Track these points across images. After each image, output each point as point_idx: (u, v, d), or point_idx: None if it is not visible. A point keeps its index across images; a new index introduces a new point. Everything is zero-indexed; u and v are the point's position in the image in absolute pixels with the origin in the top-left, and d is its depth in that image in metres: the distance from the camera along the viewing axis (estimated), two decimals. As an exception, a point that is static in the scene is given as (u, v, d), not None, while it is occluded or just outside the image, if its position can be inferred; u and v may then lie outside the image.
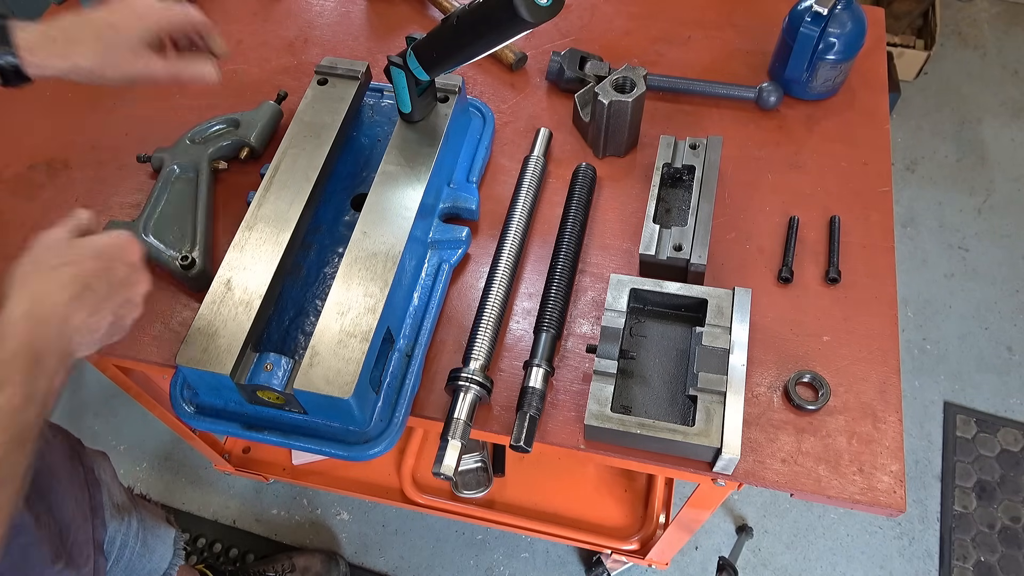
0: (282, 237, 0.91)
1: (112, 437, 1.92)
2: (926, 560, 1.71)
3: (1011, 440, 1.85)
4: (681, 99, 1.16)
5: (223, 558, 1.75)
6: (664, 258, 0.93)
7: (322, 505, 1.80)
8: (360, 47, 1.26)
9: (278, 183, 0.95)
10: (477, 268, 1.00)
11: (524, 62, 1.21)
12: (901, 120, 2.44)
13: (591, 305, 0.97)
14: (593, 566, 1.67)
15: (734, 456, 0.79)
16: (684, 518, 1.23)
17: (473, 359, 0.88)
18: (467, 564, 1.71)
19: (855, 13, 1.07)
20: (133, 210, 1.07)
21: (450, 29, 0.86)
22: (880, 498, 0.82)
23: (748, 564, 1.71)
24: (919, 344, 2.00)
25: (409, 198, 0.94)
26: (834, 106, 1.14)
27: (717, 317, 0.87)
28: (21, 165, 1.13)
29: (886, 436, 0.86)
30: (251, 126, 1.09)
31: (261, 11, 1.32)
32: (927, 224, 2.22)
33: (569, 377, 0.91)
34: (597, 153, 1.10)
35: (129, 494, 1.16)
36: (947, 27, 2.67)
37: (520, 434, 0.83)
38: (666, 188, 1.02)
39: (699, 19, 1.27)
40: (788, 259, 0.98)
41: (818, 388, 0.89)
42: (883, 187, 1.05)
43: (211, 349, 0.81)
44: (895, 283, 0.97)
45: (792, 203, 1.05)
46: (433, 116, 1.02)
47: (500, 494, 1.56)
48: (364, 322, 0.83)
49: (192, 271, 0.95)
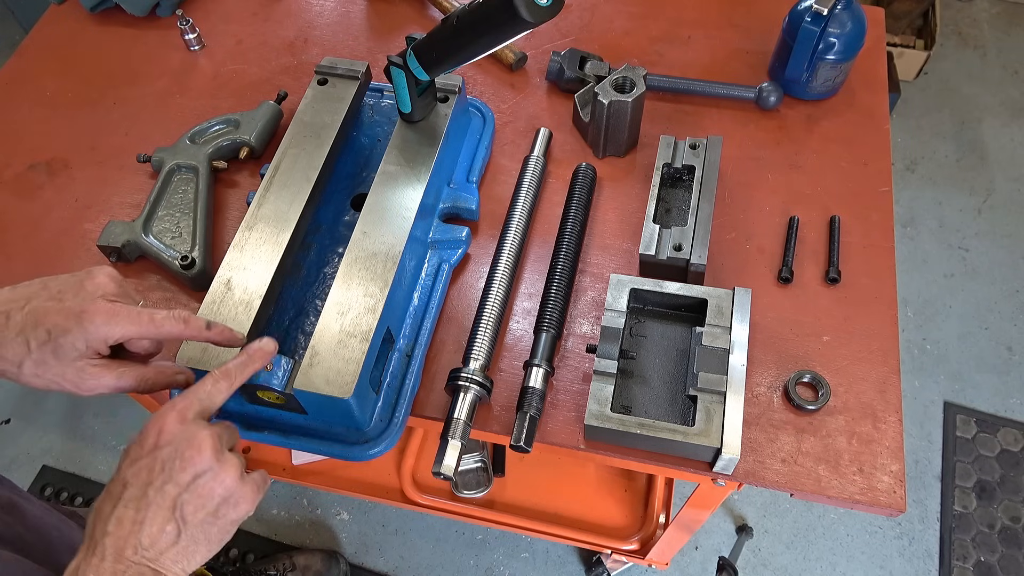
0: (282, 237, 0.91)
1: (112, 437, 1.92)
2: (926, 560, 1.71)
3: (1011, 440, 1.85)
4: (681, 99, 1.16)
5: (223, 558, 1.75)
6: (664, 258, 0.93)
7: (322, 505, 1.80)
8: (360, 47, 1.26)
9: (278, 183, 0.95)
10: (477, 268, 1.00)
11: (524, 62, 1.21)
12: (901, 120, 2.44)
13: (591, 305, 0.97)
14: (593, 566, 1.67)
15: (734, 456, 0.79)
16: (684, 518, 1.23)
17: (473, 359, 0.87)
18: (467, 564, 1.71)
19: (855, 13, 1.07)
20: (133, 210, 1.07)
21: (450, 29, 0.86)
22: (880, 498, 0.82)
23: (748, 564, 1.71)
24: (919, 344, 2.00)
25: (409, 198, 0.94)
26: (834, 106, 1.14)
27: (717, 317, 0.87)
28: (21, 165, 1.13)
29: (886, 436, 0.86)
30: (251, 126, 1.09)
31: (261, 11, 1.32)
32: (927, 224, 2.22)
33: (569, 377, 0.91)
34: (597, 153, 1.10)
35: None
36: (947, 27, 2.67)
37: (520, 434, 0.83)
38: (666, 188, 1.02)
39: (699, 19, 1.27)
40: (788, 259, 0.98)
41: (818, 388, 0.89)
42: (883, 187, 1.05)
43: (211, 349, 0.81)
44: (895, 283, 0.97)
45: (792, 203, 1.05)
46: (433, 116, 1.02)
47: (500, 494, 1.56)
48: (364, 322, 0.83)
49: (192, 271, 0.95)
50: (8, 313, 0.66)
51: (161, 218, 1.01)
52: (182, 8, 1.31)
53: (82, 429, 1.94)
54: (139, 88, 1.22)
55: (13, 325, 0.66)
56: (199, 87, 1.21)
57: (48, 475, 1.88)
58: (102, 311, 0.67)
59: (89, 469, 1.88)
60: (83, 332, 0.66)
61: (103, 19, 1.31)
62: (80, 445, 1.92)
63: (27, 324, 0.66)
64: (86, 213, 1.08)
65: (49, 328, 0.66)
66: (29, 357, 0.66)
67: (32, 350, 0.66)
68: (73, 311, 0.66)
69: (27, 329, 0.66)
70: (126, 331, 0.68)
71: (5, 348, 0.66)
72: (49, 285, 0.69)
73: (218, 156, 1.08)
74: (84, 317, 0.66)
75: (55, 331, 0.66)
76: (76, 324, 0.66)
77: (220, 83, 1.22)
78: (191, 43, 1.25)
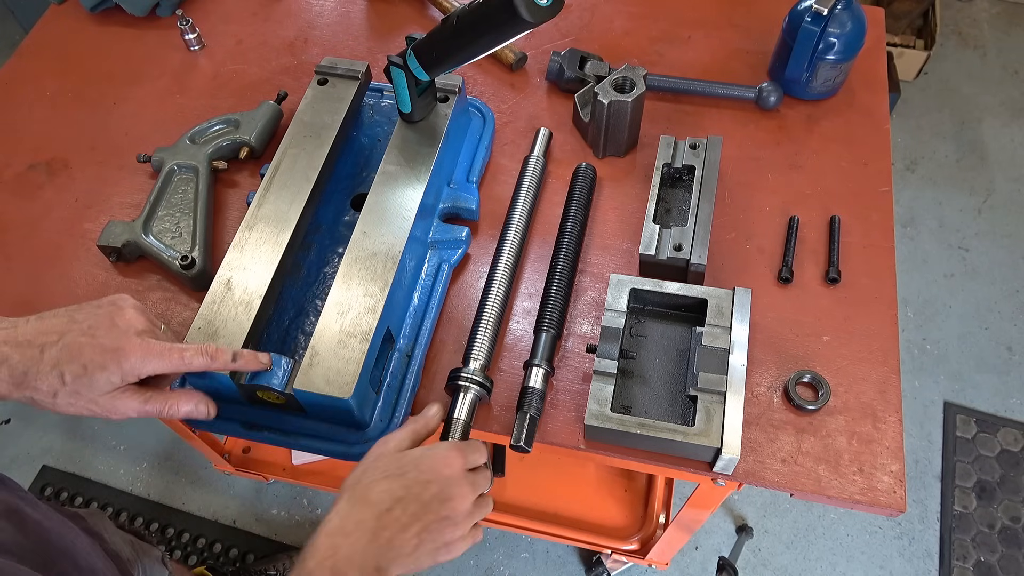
0: (282, 237, 0.91)
1: (112, 437, 1.92)
2: (926, 560, 1.71)
3: (1011, 440, 1.85)
4: (681, 99, 1.16)
5: (223, 558, 1.75)
6: (664, 258, 0.93)
7: (322, 505, 1.80)
8: (360, 47, 1.26)
9: (278, 183, 0.95)
10: (477, 268, 1.00)
11: (524, 62, 1.21)
12: (901, 120, 2.44)
13: (591, 305, 0.97)
14: (593, 566, 1.67)
15: (734, 456, 0.79)
16: (684, 518, 1.23)
17: (473, 359, 0.87)
18: (467, 564, 1.71)
19: (855, 13, 1.07)
20: (133, 210, 1.07)
21: (450, 29, 0.85)
22: (880, 498, 0.82)
23: (748, 564, 1.71)
24: (919, 344, 2.00)
25: (409, 198, 0.94)
26: (834, 106, 1.14)
27: (717, 317, 0.87)
28: (21, 165, 1.13)
29: (886, 436, 0.86)
30: (251, 126, 1.09)
31: (261, 11, 1.32)
32: (927, 224, 2.22)
33: (569, 377, 0.91)
34: (597, 153, 1.10)
35: (132, 542, 1.14)
36: (947, 27, 2.67)
37: (520, 434, 0.83)
38: (666, 188, 1.02)
39: (699, 19, 1.27)
40: (788, 259, 0.98)
41: (818, 388, 0.89)
42: (883, 187, 1.05)
43: (211, 349, 0.81)
44: (895, 283, 0.97)
45: (792, 203, 1.05)
46: (433, 116, 1.02)
47: (500, 494, 1.56)
48: (364, 322, 0.83)
49: (192, 271, 0.95)
50: (43, 347, 0.69)
51: (161, 218, 1.01)
52: (182, 8, 1.31)
53: (82, 429, 1.94)
54: (139, 88, 1.22)
55: (48, 359, 0.69)
56: (199, 87, 1.21)
57: (48, 475, 1.88)
58: (137, 350, 0.71)
59: (89, 469, 1.88)
60: (119, 369, 0.70)
61: (103, 19, 1.31)
62: (80, 445, 1.92)
63: (62, 359, 0.69)
64: (86, 213, 1.08)
65: (85, 363, 0.69)
66: (63, 389, 0.69)
67: (67, 383, 0.69)
68: (108, 348, 0.70)
69: (62, 363, 0.69)
70: (157, 368, 0.72)
71: (40, 380, 0.69)
72: (77, 319, 0.72)
73: (218, 156, 1.08)
74: (120, 355, 0.70)
75: (91, 366, 0.69)
76: (112, 361, 0.70)
77: (220, 83, 1.22)
78: (191, 43, 1.25)
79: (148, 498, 1.84)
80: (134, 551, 1.14)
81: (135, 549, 1.15)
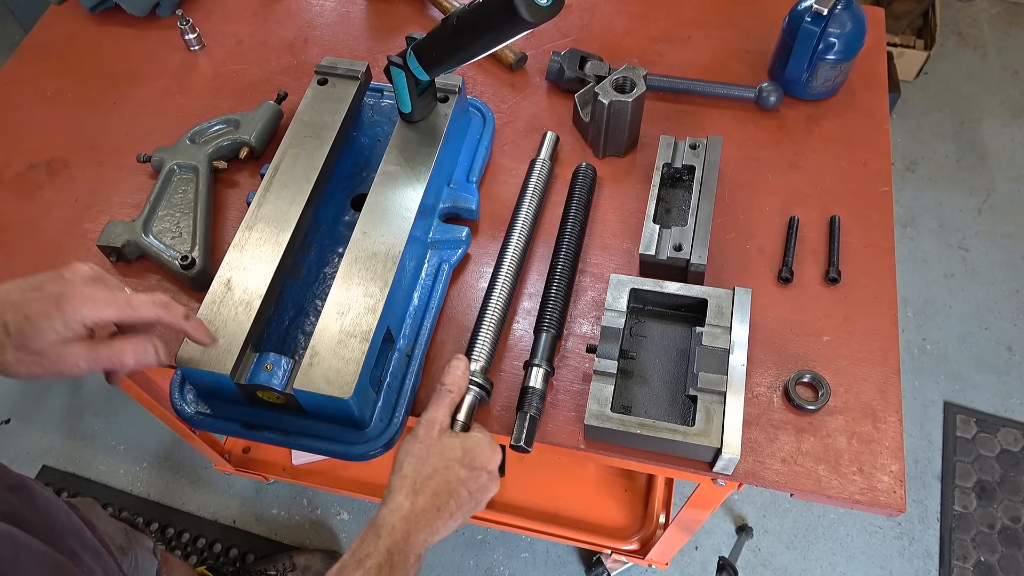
0: (282, 237, 0.91)
1: (112, 437, 1.92)
2: (926, 560, 1.71)
3: (1011, 440, 1.85)
4: (681, 99, 1.16)
5: (223, 558, 1.75)
6: (664, 258, 0.93)
7: (322, 505, 1.80)
8: (360, 47, 1.26)
9: (278, 183, 0.95)
10: (477, 268, 1.00)
11: (524, 62, 1.21)
12: (901, 120, 2.44)
13: (591, 305, 0.97)
14: (593, 566, 1.67)
15: (734, 456, 0.79)
16: (684, 518, 1.23)
17: (474, 360, 0.87)
18: (467, 564, 1.71)
19: (855, 13, 1.07)
20: (133, 210, 1.07)
21: (450, 29, 0.86)
22: (880, 498, 0.82)
23: (748, 564, 1.71)
24: (919, 344, 2.00)
25: (409, 198, 0.94)
26: (834, 106, 1.14)
27: (717, 317, 0.87)
28: (21, 165, 1.13)
29: (886, 436, 0.86)
30: (251, 126, 1.09)
31: (261, 11, 1.32)
32: (927, 224, 2.22)
33: (569, 377, 0.91)
34: (597, 153, 1.10)
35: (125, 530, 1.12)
36: (947, 27, 2.67)
37: (520, 434, 0.83)
38: (666, 188, 1.02)
39: (699, 19, 1.27)
40: (788, 259, 0.98)
41: (818, 388, 0.89)
42: (883, 187, 1.05)
43: (211, 349, 0.81)
44: (895, 283, 0.97)
45: (792, 203, 1.05)
46: (433, 116, 1.02)
47: (500, 494, 1.56)
48: (364, 322, 0.83)
49: (192, 271, 0.95)
50: None
51: (161, 218, 1.01)
52: (182, 8, 1.31)
53: (82, 429, 1.94)
54: (139, 88, 1.22)
55: None
56: (199, 87, 1.21)
57: (48, 475, 1.88)
58: (80, 295, 0.68)
59: (89, 469, 1.88)
60: (61, 315, 0.67)
61: (103, 19, 1.31)
62: (80, 445, 1.92)
63: (6, 310, 0.67)
64: (86, 213, 1.08)
65: (28, 314, 0.66)
66: (9, 342, 0.67)
67: (12, 335, 0.66)
68: (52, 296, 0.67)
69: (5, 314, 0.67)
70: (103, 313, 0.69)
71: None
72: (29, 280, 0.70)
73: (218, 156, 1.08)
74: (62, 300, 0.67)
75: (34, 316, 0.66)
76: (55, 308, 0.67)
77: (220, 83, 1.22)
78: (191, 43, 1.25)
79: (148, 498, 1.84)
80: (128, 539, 1.14)
81: (128, 537, 1.14)
